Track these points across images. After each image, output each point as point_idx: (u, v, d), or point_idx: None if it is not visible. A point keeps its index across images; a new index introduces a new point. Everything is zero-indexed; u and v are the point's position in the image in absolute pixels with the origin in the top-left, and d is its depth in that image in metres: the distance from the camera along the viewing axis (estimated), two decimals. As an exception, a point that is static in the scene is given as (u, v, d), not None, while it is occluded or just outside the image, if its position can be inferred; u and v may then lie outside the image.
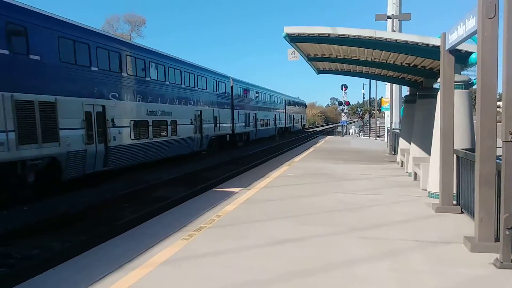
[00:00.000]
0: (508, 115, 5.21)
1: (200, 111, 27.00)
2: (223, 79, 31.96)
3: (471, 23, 6.17)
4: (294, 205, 9.17)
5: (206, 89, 28.29)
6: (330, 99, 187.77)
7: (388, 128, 26.17)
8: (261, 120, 42.31)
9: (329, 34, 10.42)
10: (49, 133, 13.76)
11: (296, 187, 11.46)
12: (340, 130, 50.24)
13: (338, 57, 13.82)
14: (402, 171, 14.57)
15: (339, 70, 17.38)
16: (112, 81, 17.57)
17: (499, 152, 5.51)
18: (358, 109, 68.54)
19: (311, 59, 14.39)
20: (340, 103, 55.37)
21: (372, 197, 9.94)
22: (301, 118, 64.89)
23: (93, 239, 8.45)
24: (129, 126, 18.67)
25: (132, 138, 18.89)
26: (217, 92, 30.45)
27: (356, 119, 78.14)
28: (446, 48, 7.85)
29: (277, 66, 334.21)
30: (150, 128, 20.57)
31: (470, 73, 9.52)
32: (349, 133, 50.31)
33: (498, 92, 5.94)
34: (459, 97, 8.48)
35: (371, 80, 48.83)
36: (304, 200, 9.72)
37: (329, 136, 44.97)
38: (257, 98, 41.72)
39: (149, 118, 20.51)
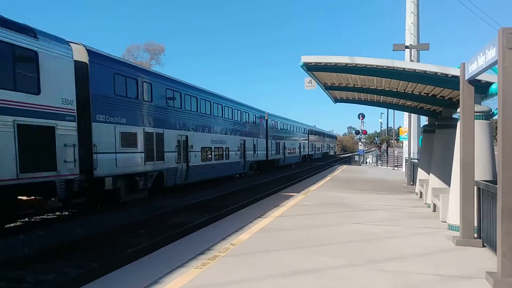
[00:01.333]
0: (531, 147, 5.08)
1: (244, 141, 32.81)
2: (260, 113, 38.00)
3: (491, 54, 6.09)
4: (309, 235, 9.01)
5: (248, 122, 34.37)
6: (347, 128, 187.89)
7: (406, 158, 25.91)
8: (288, 148, 47.41)
9: (346, 64, 10.41)
10: (160, 154, 19.81)
11: (312, 217, 11.29)
12: (357, 159, 49.87)
13: (356, 86, 13.79)
14: (420, 202, 14.31)
15: (357, 99, 17.33)
16: (192, 118, 23.93)
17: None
18: (376, 138, 68.18)
19: (328, 88, 14.38)
20: (357, 132, 55.19)
21: (390, 229, 9.73)
22: (321, 146, 70.20)
23: (109, 265, 8.40)
24: (200, 151, 24.71)
25: (202, 160, 24.95)
26: (256, 125, 36.40)
27: (374, 149, 77.66)
28: (466, 78, 7.76)
29: (294, 93, 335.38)
30: (212, 153, 26.71)
31: (491, 103, 9.38)
32: (366, 163, 49.91)
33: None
34: (480, 127, 8.34)
35: (389, 109, 48.58)
36: (319, 230, 9.55)
37: (346, 165, 44.65)
38: (286, 129, 46.94)
39: (212, 145, 26.66)
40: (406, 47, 23.67)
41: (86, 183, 14.98)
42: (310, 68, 11.05)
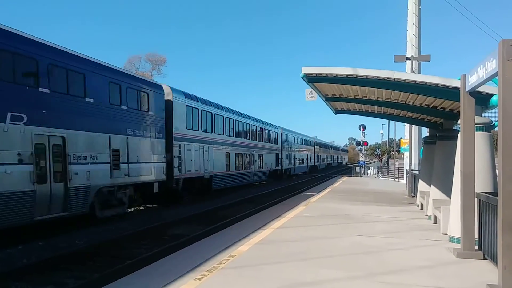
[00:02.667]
0: (532, 159, 5.06)
1: (262, 155, 38.29)
2: (276, 129, 43.14)
3: (492, 65, 6.10)
4: (310, 247, 8.96)
5: (267, 138, 40.02)
6: (348, 139, 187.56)
7: (407, 170, 25.85)
8: (298, 159, 52.37)
9: (347, 75, 10.42)
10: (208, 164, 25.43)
11: (312, 228, 11.24)
12: (358, 171, 49.82)
13: (356, 97, 13.79)
14: (421, 214, 14.25)
15: (357, 110, 17.33)
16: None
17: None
18: (377, 149, 68.15)
19: (329, 99, 14.39)
20: (358, 144, 55.23)
21: (390, 241, 9.68)
22: (326, 158, 75.97)
23: (109, 276, 8.37)
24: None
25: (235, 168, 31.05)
26: (273, 140, 41.73)
27: (375, 160, 77.60)
28: (466, 90, 7.76)
29: (295, 104, 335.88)
30: (241, 164, 32.61)
31: (492, 115, 9.37)
32: (367, 174, 49.81)
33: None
34: (480, 139, 8.32)
35: (390, 120, 48.57)
36: (320, 242, 9.50)
37: (346, 177, 44.56)
38: (296, 142, 51.80)
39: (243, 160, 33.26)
40: (407, 58, 23.71)
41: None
42: (311, 79, 11.06)
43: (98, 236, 13.34)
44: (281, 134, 44.60)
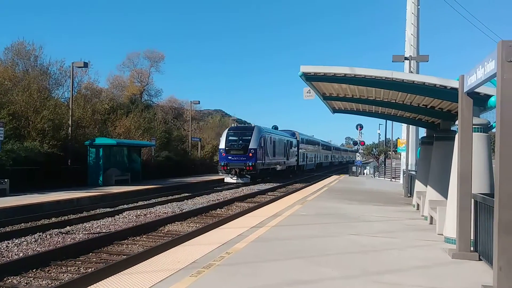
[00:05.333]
0: (529, 160, 5.06)
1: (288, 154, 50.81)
2: (294, 134, 54.21)
3: (490, 66, 6.10)
4: (305, 245, 8.96)
5: (292, 143, 51.30)
6: (345, 138, 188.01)
7: (404, 170, 25.88)
8: (308, 157, 62.40)
9: (345, 74, 10.42)
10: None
11: (308, 227, 11.24)
12: (355, 170, 49.88)
13: (354, 97, 13.80)
14: (417, 214, 14.26)
15: (355, 110, 17.35)
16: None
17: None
18: (374, 149, 68.21)
19: (326, 98, 14.39)
20: (355, 143, 55.25)
21: (387, 240, 9.69)
22: (328, 157, 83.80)
23: (101, 272, 8.35)
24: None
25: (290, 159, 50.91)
26: (293, 142, 52.11)
27: (371, 160, 77.68)
28: (465, 90, 7.76)
29: (292, 101, 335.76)
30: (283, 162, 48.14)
31: (489, 116, 9.38)
32: (364, 174, 49.87)
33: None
34: (478, 140, 8.32)
35: (387, 120, 48.62)
36: (316, 240, 9.50)
37: (343, 176, 44.59)
38: (307, 143, 61.52)
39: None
40: (406, 58, 23.72)
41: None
42: (309, 78, 11.06)
43: (96, 229, 13.28)
44: (297, 138, 55.11)
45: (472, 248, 8.02)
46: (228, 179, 36.09)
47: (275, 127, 51.76)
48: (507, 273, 5.58)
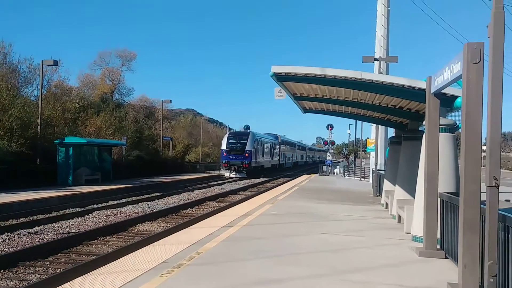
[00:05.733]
0: (492, 160, 5.19)
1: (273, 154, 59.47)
2: (277, 138, 62.14)
3: (457, 68, 6.23)
4: (276, 244, 8.99)
5: (275, 144, 59.24)
6: (316, 138, 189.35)
7: (373, 169, 26.22)
8: (287, 157, 69.57)
9: (315, 75, 10.48)
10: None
11: (278, 226, 11.28)
12: (325, 170, 50.30)
13: (325, 97, 13.89)
14: (386, 213, 14.47)
15: (325, 110, 17.48)
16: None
17: (483, 197, 5.45)
18: (344, 149, 69.01)
19: (297, 98, 14.45)
20: (326, 143, 55.80)
21: (355, 239, 9.80)
22: (303, 156, 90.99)
23: (69, 273, 8.19)
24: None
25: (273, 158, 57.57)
26: (276, 144, 60.09)
27: (341, 159, 78.54)
28: (432, 91, 7.90)
29: (265, 102, 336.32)
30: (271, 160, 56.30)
31: (456, 117, 9.58)
32: (334, 173, 50.34)
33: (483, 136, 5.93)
34: (444, 140, 8.49)
35: (357, 120, 49.23)
36: (286, 239, 9.54)
37: (313, 175, 44.91)
38: (286, 144, 68.68)
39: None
40: (375, 59, 24.03)
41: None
42: (280, 78, 11.09)
43: (65, 230, 13.04)
44: (279, 140, 63.34)
45: (438, 247, 8.18)
46: (227, 174, 45.44)
47: (247, 127, 54.85)
48: (471, 271, 5.71)
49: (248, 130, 49.77)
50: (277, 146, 60.66)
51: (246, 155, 44.45)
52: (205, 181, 37.75)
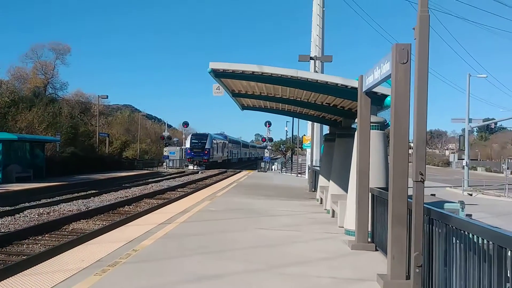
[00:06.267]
0: (418, 156, 5.48)
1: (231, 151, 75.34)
2: (226, 137, 72.29)
3: (386, 68, 6.51)
4: (214, 240, 9.03)
5: (225, 144, 68.72)
6: (255, 135, 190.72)
7: (309, 166, 26.78)
8: (234, 154, 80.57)
9: (253, 72, 10.58)
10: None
11: (216, 222, 11.33)
12: (263, 166, 50.82)
13: (262, 94, 14.05)
14: (321, 208, 14.85)
15: (263, 107, 17.67)
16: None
17: (411, 191, 5.74)
18: (281, 146, 69.94)
19: (235, 95, 14.52)
20: (264, 139, 56.36)
21: (292, 234, 10.01)
22: (248, 153, 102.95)
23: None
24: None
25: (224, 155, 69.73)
26: (226, 143, 69.83)
27: (279, 156, 79.57)
28: (363, 90, 8.20)
29: (204, 99, 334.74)
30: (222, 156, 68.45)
31: (386, 115, 9.97)
32: (272, 169, 50.95)
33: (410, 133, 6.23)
34: (375, 137, 8.81)
35: (294, 118, 50.07)
36: (224, 235, 9.61)
37: (252, 172, 45.30)
38: (233, 143, 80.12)
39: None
40: (311, 58, 24.56)
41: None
42: (218, 74, 11.09)
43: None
44: (228, 139, 74.55)
45: (369, 240, 8.50)
46: (191, 167, 57.92)
47: (186, 123, 64.53)
48: (399, 262, 6.00)
49: (206, 132, 62.19)
50: (227, 145, 71.52)
51: (206, 152, 56.69)
52: (143, 178, 37.15)
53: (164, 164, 58.20)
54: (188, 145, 57.88)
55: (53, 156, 35.83)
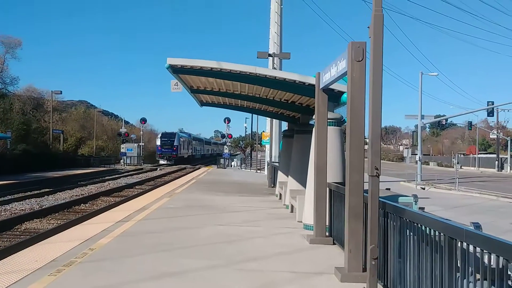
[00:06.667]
0: (373, 151, 5.61)
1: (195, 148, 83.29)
2: (190, 135, 78.71)
3: (342, 65, 6.63)
4: (173, 237, 8.98)
5: (190, 141, 76.17)
6: (214, 131, 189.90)
7: (268, 162, 26.95)
8: (197, 150, 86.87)
9: (211, 68, 10.56)
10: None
11: (175, 219, 11.26)
12: (222, 162, 50.78)
13: (221, 90, 14.03)
14: (280, 203, 15.00)
15: (222, 103, 17.64)
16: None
17: (367, 186, 5.88)
18: (240, 142, 70.01)
19: (194, 91, 14.44)
20: (223, 136, 56.34)
21: (251, 229, 10.07)
22: (210, 150, 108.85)
23: None
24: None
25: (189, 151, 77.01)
26: (191, 140, 77.27)
27: (238, 152, 79.69)
28: (320, 87, 8.32)
29: (162, 95, 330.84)
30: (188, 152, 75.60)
31: (343, 111, 10.15)
32: (231, 166, 50.96)
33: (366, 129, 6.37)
34: (332, 133, 8.97)
35: (253, 114, 50.21)
36: (183, 232, 9.57)
37: (211, 168, 45.19)
38: (196, 140, 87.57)
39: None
40: (269, 55, 24.70)
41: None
42: (176, 70, 11.01)
43: None
44: (191, 136, 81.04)
45: (327, 234, 8.67)
46: (162, 161, 65.36)
47: (144, 119, 68.40)
48: (356, 255, 6.15)
49: (174, 131, 70.88)
50: (192, 142, 79.44)
51: (174, 148, 64.82)
52: (99, 176, 36.45)
53: (121, 161, 57.31)
54: (158, 142, 65.57)
55: (4, 154, 34.75)
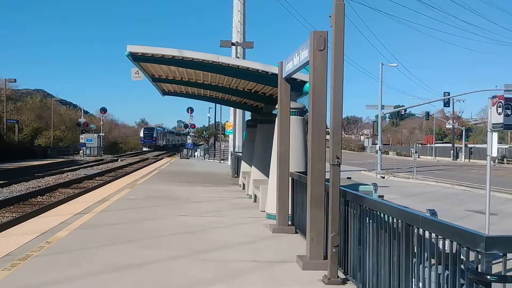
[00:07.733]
0: (334, 140, 5.65)
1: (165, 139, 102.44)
2: (164, 128, 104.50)
3: (304, 54, 6.63)
4: (134, 229, 8.85)
5: (165, 133, 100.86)
6: (177, 121, 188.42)
7: (232, 152, 26.91)
8: (169, 141, 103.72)
9: (173, 56, 10.41)
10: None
11: (137, 211, 11.10)
12: (186, 153, 50.41)
13: (184, 79, 13.87)
14: (243, 193, 15.00)
15: (185, 92, 17.46)
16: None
17: (328, 175, 5.92)
18: (204, 132, 69.71)
19: (155, 80, 14.22)
20: (186, 126, 55.93)
21: (214, 219, 10.03)
22: (180, 140, 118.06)
23: None
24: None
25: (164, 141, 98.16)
26: (165, 133, 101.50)
27: (202, 142, 79.31)
28: (283, 76, 8.32)
29: (123, 84, 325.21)
30: (166, 143, 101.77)
31: (306, 101, 10.20)
32: (195, 156, 50.68)
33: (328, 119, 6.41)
34: (295, 123, 9.00)
35: (217, 104, 49.96)
36: (145, 223, 9.44)
37: (174, 158, 44.81)
38: (169, 132, 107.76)
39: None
40: (233, 44, 24.57)
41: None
42: (137, 58, 10.80)
43: None
44: (166, 130, 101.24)
45: (290, 223, 8.71)
46: (145, 149, 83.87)
47: (104, 109, 67.43)
48: (317, 243, 6.20)
49: (153, 126, 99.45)
50: (166, 134, 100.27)
51: (154, 139, 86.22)
52: (57, 167, 35.52)
53: (80, 152, 56.11)
54: (141, 134, 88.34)
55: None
